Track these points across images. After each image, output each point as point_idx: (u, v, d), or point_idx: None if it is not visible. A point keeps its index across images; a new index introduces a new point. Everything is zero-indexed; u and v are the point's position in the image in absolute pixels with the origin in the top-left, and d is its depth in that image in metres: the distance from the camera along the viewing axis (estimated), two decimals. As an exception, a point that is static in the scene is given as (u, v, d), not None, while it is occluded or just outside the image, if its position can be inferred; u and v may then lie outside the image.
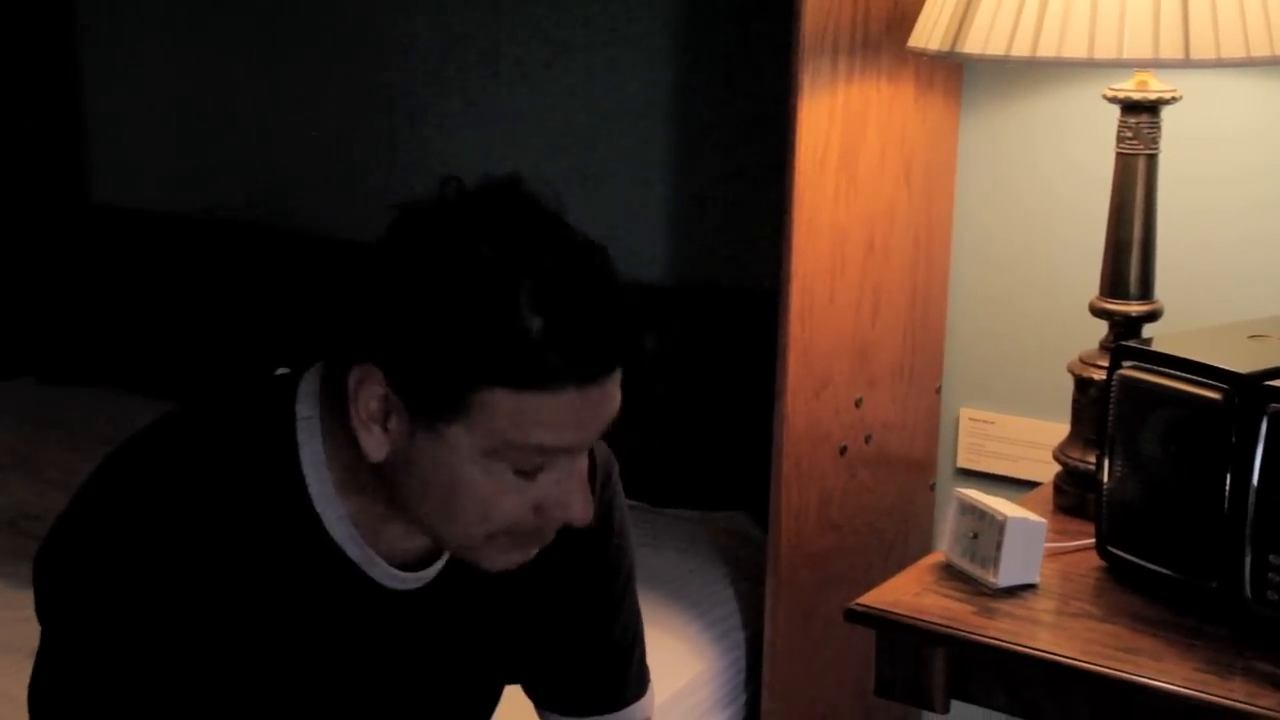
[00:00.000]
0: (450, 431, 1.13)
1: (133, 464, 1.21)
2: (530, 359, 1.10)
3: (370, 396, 1.14)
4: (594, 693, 1.43)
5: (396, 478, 1.17)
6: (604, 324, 1.12)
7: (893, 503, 2.16)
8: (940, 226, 2.14)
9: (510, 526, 1.18)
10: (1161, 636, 1.48)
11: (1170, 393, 1.51)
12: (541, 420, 1.12)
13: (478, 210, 1.14)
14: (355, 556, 1.22)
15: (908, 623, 1.52)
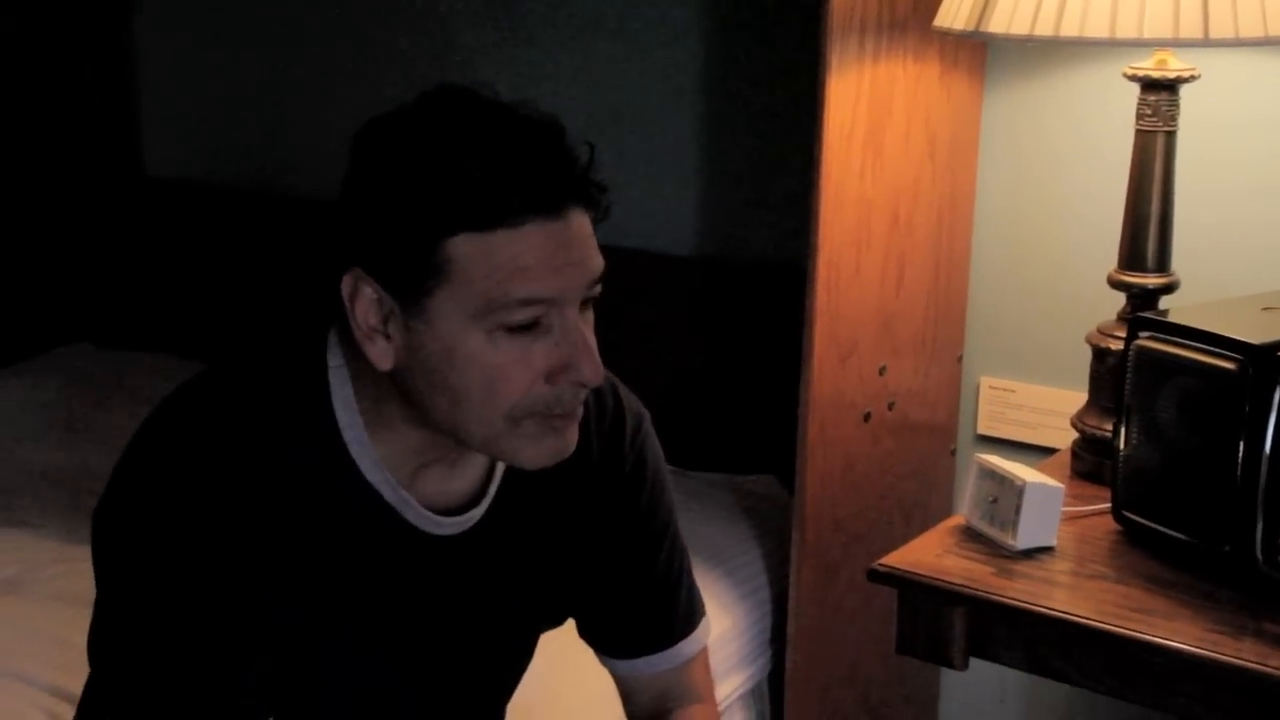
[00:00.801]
0: (435, 303, 1.12)
1: (174, 422, 1.21)
2: (478, 196, 1.10)
3: (364, 304, 1.15)
4: (640, 633, 1.43)
5: (410, 385, 1.17)
6: (544, 154, 1.13)
7: (914, 468, 2.16)
8: (963, 201, 2.13)
9: (527, 403, 1.15)
10: (1174, 598, 1.47)
11: (1186, 362, 1.50)
12: (512, 264, 1.11)
13: (430, 103, 1.17)
14: (392, 500, 1.22)
15: (929, 583, 1.52)
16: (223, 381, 1.24)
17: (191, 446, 1.18)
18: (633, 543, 1.39)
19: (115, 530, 1.19)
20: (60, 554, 2.07)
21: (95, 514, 1.21)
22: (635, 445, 1.37)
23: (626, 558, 1.39)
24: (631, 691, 1.46)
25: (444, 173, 1.11)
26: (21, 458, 2.44)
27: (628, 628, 1.43)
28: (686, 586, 1.45)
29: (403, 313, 1.14)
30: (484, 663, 1.37)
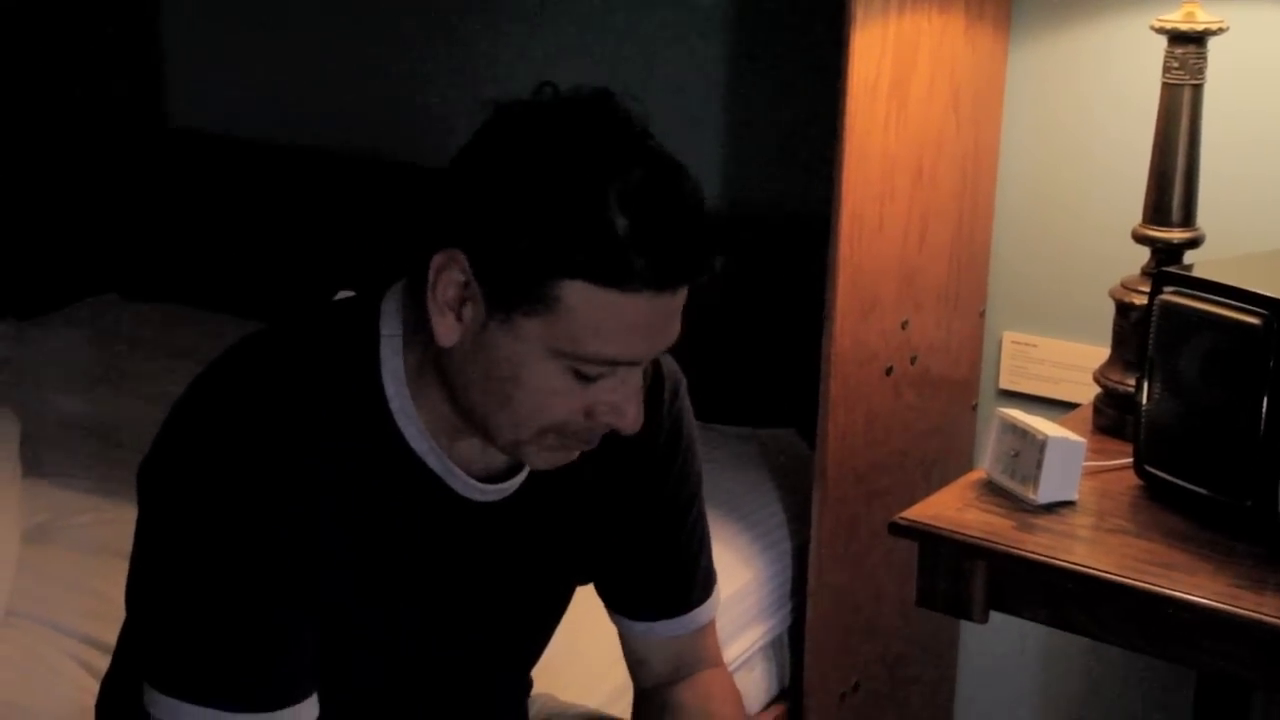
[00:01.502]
0: (524, 324, 1.13)
1: (226, 384, 1.21)
2: (613, 255, 1.10)
3: (450, 282, 1.14)
4: (660, 598, 1.43)
5: (461, 367, 1.17)
6: (685, 234, 1.13)
7: (936, 422, 2.15)
8: (987, 154, 2.12)
9: (560, 426, 1.18)
10: (1195, 552, 1.47)
11: (1210, 317, 1.49)
12: (612, 323, 1.12)
13: (572, 112, 1.15)
14: (437, 469, 1.23)
15: (950, 536, 1.52)
16: (275, 345, 1.24)
17: (242, 410, 1.18)
18: (663, 508, 1.40)
19: (164, 488, 1.19)
20: (88, 503, 2.09)
21: (142, 470, 1.21)
22: (672, 412, 1.38)
23: (656, 522, 1.40)
24: (644, 657, 1.46)
25: (588, 220, 1.10)
26: (50, 407, 2.46)
27: (649, 590, 1.43)
28: (706, 555, 1.46)
29: (486, 310, 1.14)
30: (520, 621, 1.37)
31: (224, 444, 1.16)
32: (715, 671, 1.46)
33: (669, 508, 1.40)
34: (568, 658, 1.61)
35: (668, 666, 1.45)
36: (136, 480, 1.21)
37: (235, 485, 1.15)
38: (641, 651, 1.45)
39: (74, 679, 1.69)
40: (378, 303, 1.23)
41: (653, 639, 1.44)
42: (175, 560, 1.17)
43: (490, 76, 2.66)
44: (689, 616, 1.44)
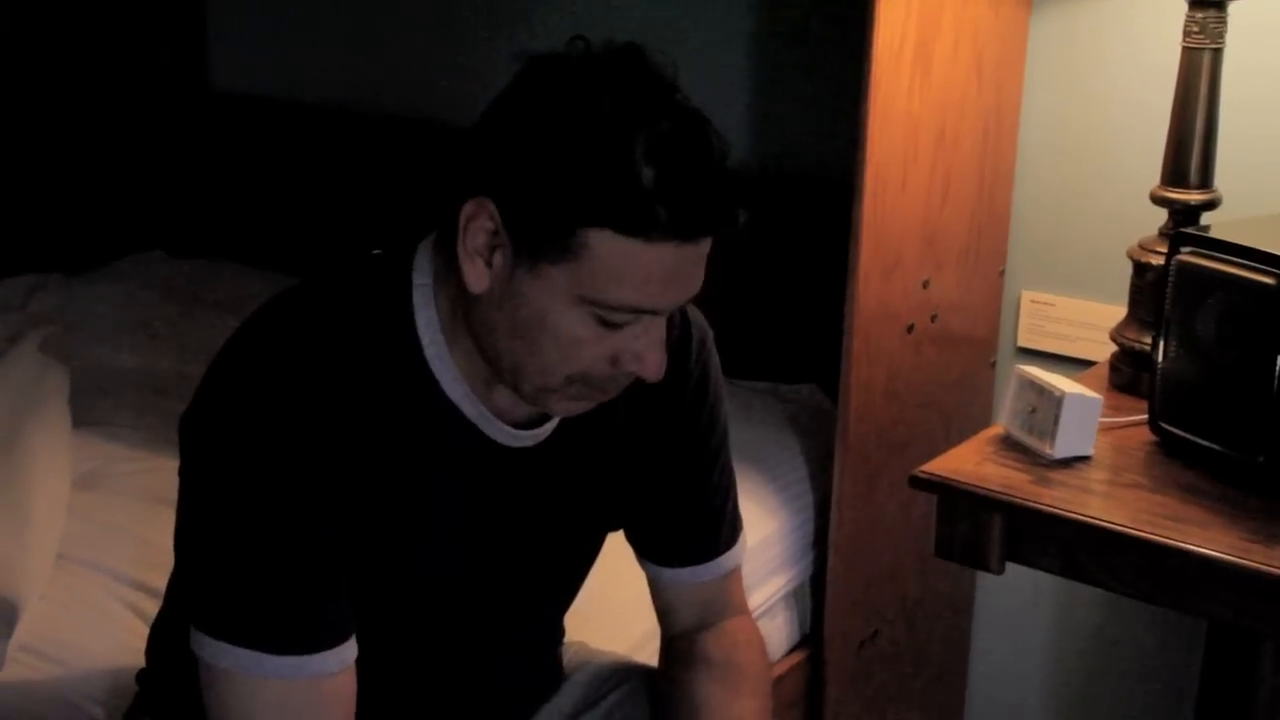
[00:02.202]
0: (551, 272, 1.13)
1: (265, 334, 1.22)
2: (638, 204, 1.10)
3: (479, 229, 1.15)
4: (687, 545, 1.44)
5: (490, 314, 1.17)
6: (709, 186, 1.13)
7: (955, 378, 2.15)
8: (1008, 117, 2.10)
9: (585, 374, 1.18)
10: (1208, 507, 1.46)
11: (1226, 277, 1.48)
12: (636, 272, 1.12)
13: (603, 66, 1.15)
14: (471, 415, 1.23)
15: (968, 489, 1.51)
16: (311, 298, 1.24)
17: (281, 359, 1.18)
18: (690, 456, 1.40)
19: (205, 439, 1.19)
20: (135, 452, 2.10)
21: (184, 422, 1.21)
22: (699, 361, 1.38)
23: (683, 470, 1.40)
24: (672, 604, 1.46)
25: (615, 170, 1.10)
26: (98, 360, 2.47)
27: (677, 537, 1.44)
28: (733, 502, 1.46)
29: (514, 258, 1.14)
30: (553, 565, 1.38)
31: (263, 395, 1.17)
32: (740, 619, 1.47)
33: (696, 456, 1.40)
34: (597, 605, 1.62)
35: (694, 614, 1.46)
36: (178, 431, 1.22)
37: (274, 435, 1.16)
38: (669, 598, 1.46)
39: (123, 621, 1.71)
40: (410, 254, 1.23)
41: (680, 586, 1.45)
42: (217, 509, 1.18)
43: (526, 37, 2.65)
44: (715, 563, 1.44)
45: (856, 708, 2.16)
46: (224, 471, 1.17)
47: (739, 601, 1.48)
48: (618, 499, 1.38)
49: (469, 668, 1.36)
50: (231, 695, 1.18)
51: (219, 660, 1.17)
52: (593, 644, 1.58)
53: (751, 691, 1.39)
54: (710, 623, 1.45)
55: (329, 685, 1.19)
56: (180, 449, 1.22)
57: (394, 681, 1.31)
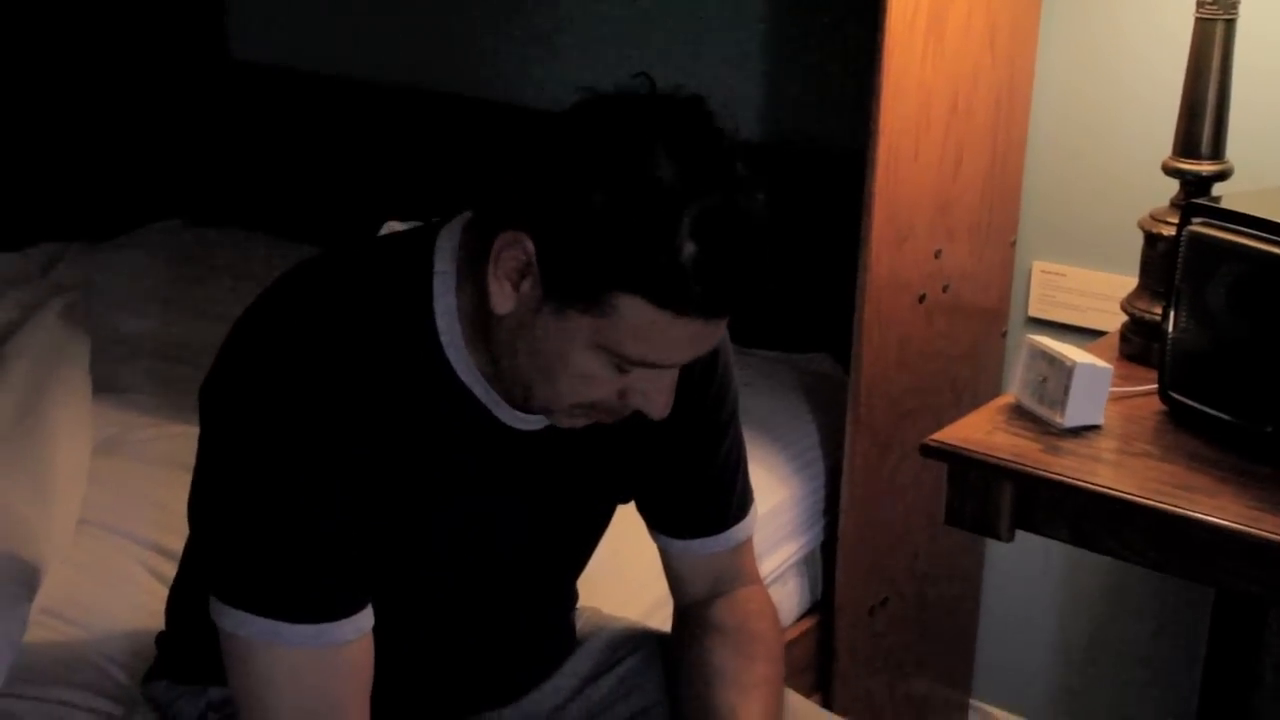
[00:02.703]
0: (577, 318, 1.13)
1: (285, 307, 1.21)
2: (676, 281, 1.09)
3: (512, 257, 1.14)
4: (698, 517, 1.44)
5: (509, 336, 1.17)
6: (749, 269, 1.12)
7: (966, 348, 2.14)
8: (1021, 88, 2.09)
9: (594, 404, 1.19)
10: (1217, 475, 1.46)
11: (1237, 248, 1.47)
12: (660, 338, 1.12)
13: (664, 119, 1.12)
14: (483, 399, 1.23)
15: (979, 458, 1.51)
16: (330, 273, 1.24)
17: (301, 332, 1.18)
18: (700, 429, 1.40)
19: (225, 410, 1.19)
20: (154, 419, 2.11)
21: (204, 391, 1.21)
22: (724, 366, 1.39)
23: (693, 444, 1.40)
24: (684, 574, 1.46)
25: (659, 243, 1.08)
26: (118, 327, 2.48)
27: (688, 510, 1.44)
28: (743, 474, 1.46)
29: (542, 294, 1.14)
30: (564, 539, 1.39)
31: (282, 367, 1.16)
32: (752, 588, 1.47)
33: (706, 429, 1.40)
34: (610, 572, 1.62)
35: (706, 583, 1.46)
36: (198, 400, 1.22)
37: (293, 406, 1.15)
38: (681, 569, 1.46)
39: (143, 584, 1.71)
40: (431, 238, 1.23)
41: (691, 557, 1.44)
42: (236, 478, 1.18)
43: (541, 8, 2.64)
44: (726, 535, 1.44)
45: (866, 673, 2.16)
46: (243, 442, 1.17)
47: (750, 571, 1.48)
48: (625, 475, 1.38)
49: (483, 635, 1.36)
50: (251, 663, 1.18)
51: (239, 629, 1.17)
52: (606, 611, 1.58)
53: (764, 659, 1.39)
54: (722, 592, 1.45)
55: (346, 653, 1.19)
56: (200, 418, 1.22)
57: (410, 649, 1.31)
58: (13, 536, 1.67)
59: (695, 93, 1.15)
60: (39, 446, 1.91)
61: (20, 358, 2.18)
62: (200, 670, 1.33)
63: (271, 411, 1.16)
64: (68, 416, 2.02)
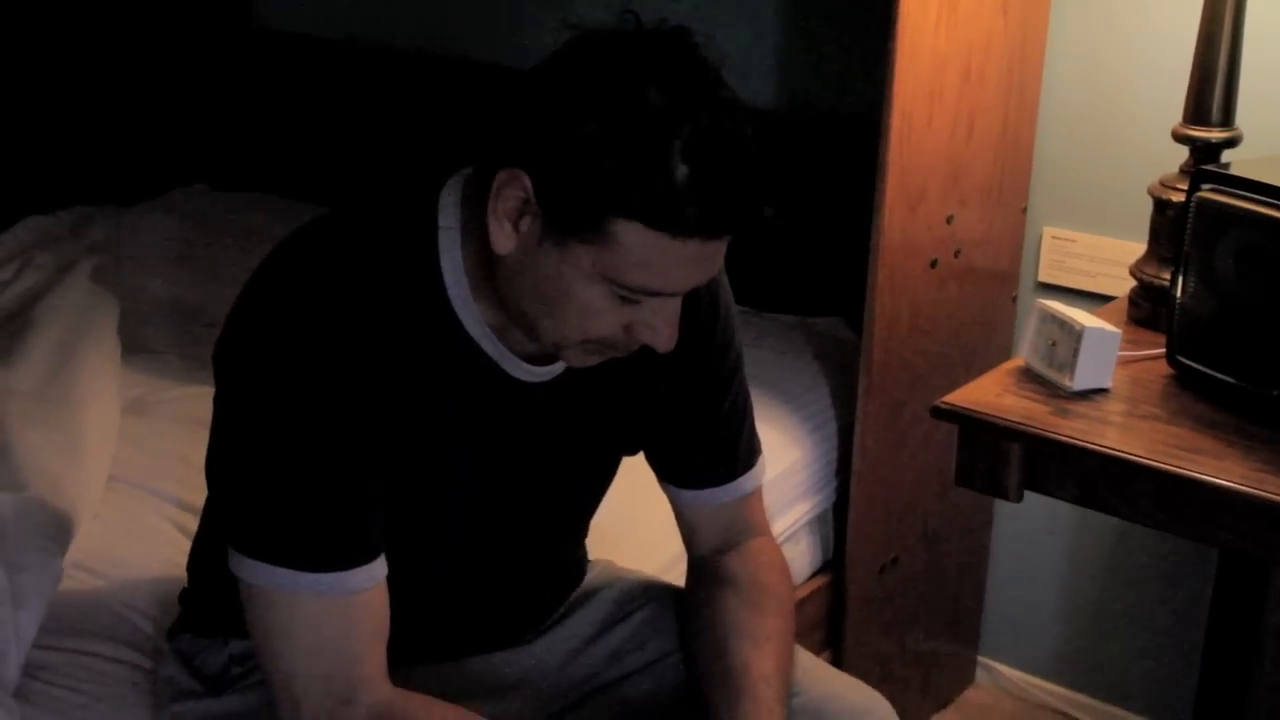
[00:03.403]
0: (577, 250, 1.13)
1: (294, 265, 1.21)
2: (671, 202, 1.09)
3: (511, 197, 1.14)
4: (706, 467, 1.44)
5: (514, 275, 1.18)
6: (741, 187, 1.12)
7: (977, 312, 2.14)
8: (1033, 56, 2.07)
9: (601, 339, 1.19)
10: (1223, 438, 1.45)
11: (1246, 214, 1.46)
12: (660, 263, 1.12)
13: (651, 50, 1.12)
14: (491, 353, 1.24)
15: (989, 420, 1.51)
16: (339, 231, 1.24)
17: (310, 289, 1.19)
18: (706, 380, 1.40)
19: (238, 366, 1.20)
20: (180, 379, 2.12)
21: (216, 349, 1.22)
22: (710, 288, 1.37)
23: (700, 394, 1.40)
24: (695, 525, 1.47)
25: (652, 166, 1.09)
26: (145, 289, 2.48)
27: (696, 460, 1.44)
28: (749, 424, 1.46)
29: (542, 230, 1.14)
30: (571, 490, 1.39)
31: (292, 323, 1.17)
32: (763, 540, 1.47)
33: (711, 381, 1.40)
34: (625, 529, 1.62)
35: (717, 535, 1.46)
36: (213, 358, 1.22)
37: (303, 361, 1.16)
38: (692, 519, 1.46)
39: (169, 539, 1.73)
40: (435, 194, 1.23)
41: (701, 507, 1.45)
42: (251, 433, 1.19)
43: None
44: (734, 484, 1.44)
45: (876, 630, 2.17)
46: (256, 397, 1.18)
47: (760, 522, 1.48)
48: (632, 425, 1.39)
49: (494, 580, 1.37)
50: (270, 612, 1.19)
51: (257, 579, 1.18)
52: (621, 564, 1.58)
53: (775, 611, 1.39)
54: (734, 544, 1.45)
55: (361, 600, 1.20)
56: (215, 376, 1.23)
57: (425, 594, 1.32)
58: (46, 492, 1.68)
59: (680, 24, 1.15)
60: (70, 406, 1.92)
61: (52, 319, 2.19)
62: (222, 624, 1.35)
63: (283, 366, 1.16)
64: (98, 377, 2.03)
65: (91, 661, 1.48)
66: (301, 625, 1.19)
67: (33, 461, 1.74)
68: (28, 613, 1.48)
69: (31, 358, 2.04)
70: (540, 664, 1.42)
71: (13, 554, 1.53)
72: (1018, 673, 2.40)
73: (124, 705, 1.42)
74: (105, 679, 1.46)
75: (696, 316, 1.35)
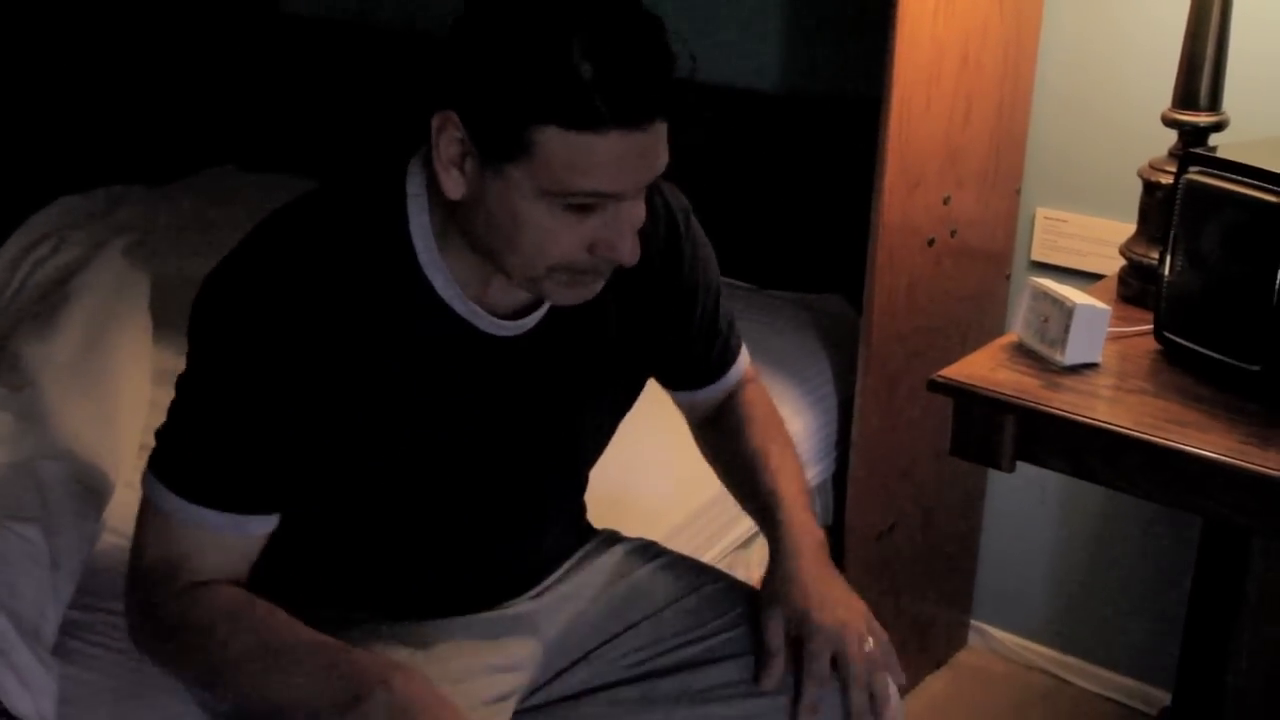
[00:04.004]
0: (511, 172, 1.13)
1: (272, 233, 1.23)
2: (580, 99, 1.09)
3: (449, 141, 1.15)
4: (702, 373, 1.51)
5: (470, 216, 1.18)
6: (644, 75, 1.11)
7: (972, 290, 2.13)
8: (1028, 43, 2.06)
9: (566, 263, 1.18)
10: (1208, 411, 1.45)
11: (1231, 196, 1.45)
12: (589, 162, 1.12)
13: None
14: (462, 312, 1.24)
15: (983, 393, 1.51)
16: (315, 202, 1.25)
17: (275, 252, 1.20)
18: (696, 314, 1.43)
19: (200, 312, 1.22)
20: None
21: (195, 298, 1.23)
22: (689, 238, 1.40)
23: (691, 326, 1.44)
24: (699, 408, 1.55)
25: (550, 66, 1.10)
26: (174, 266, 2.48)
27: (693, 370, 1.50)
28: (730, 323, 1.50)
29: (480, 164, 1.15)
30: (563, 433, 1.37)
31: (255, 278, 1.19)
32: (749, 387, 1.55)
33: (699, 312, 1.43)
34: (628, 500, 1.62)
35: (713, 408, 1.54)
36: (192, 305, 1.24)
37: (255, 313, 1.18)
38: (694, 406, 1.54)
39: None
40: (404, 166, 1.24)
41: (701, 399, 1.53)
42: (195, 364, 1.22)
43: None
44: (726, 377, 1.52)
45: (874, 594, 2.17)
46: (210, 340, 1.20)
47: (749, 376, 1.56)
48: (611, 374, 1.38)
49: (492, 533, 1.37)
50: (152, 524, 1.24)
51: (160, 502, 1.22)
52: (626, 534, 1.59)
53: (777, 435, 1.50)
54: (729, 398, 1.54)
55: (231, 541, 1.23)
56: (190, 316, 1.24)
57: (427, 549, 1.33)
58: (82, 459, 1.69)
59: None
60: (104, 377, 1.92)
61: (86, 294, 2.19)
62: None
63: (241, 315, 1.18)
64: (130, 350, 2.03)
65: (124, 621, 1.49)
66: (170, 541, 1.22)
67: (69, 430, 1.75)
68: (64, 574, 1.49)
69: (67, 331, 2.04)
70: (545, 620, 1.42)
71: (51, 518, 1.54)
72: (1009, 635, 2.40)
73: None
74: (138, 637, 1.47)
75: (682, 269, 1.39)
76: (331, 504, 1.27)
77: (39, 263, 2.43)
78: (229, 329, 1.19)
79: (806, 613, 1.33)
